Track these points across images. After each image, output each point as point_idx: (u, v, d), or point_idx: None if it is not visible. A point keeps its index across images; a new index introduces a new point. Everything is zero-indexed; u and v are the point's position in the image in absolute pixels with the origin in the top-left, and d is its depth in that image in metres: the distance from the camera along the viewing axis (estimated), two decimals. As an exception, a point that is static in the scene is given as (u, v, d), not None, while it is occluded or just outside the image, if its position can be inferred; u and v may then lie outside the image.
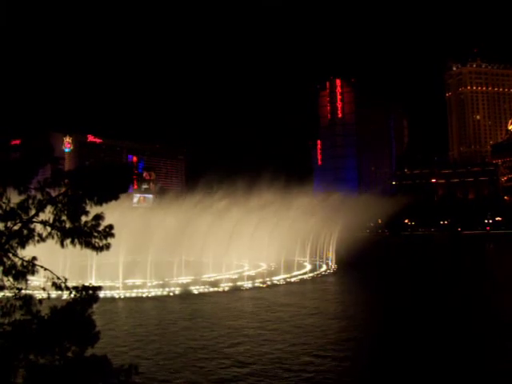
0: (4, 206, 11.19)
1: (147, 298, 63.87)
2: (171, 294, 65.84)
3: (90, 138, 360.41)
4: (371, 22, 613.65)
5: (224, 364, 34.68)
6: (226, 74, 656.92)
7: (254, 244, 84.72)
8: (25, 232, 11.61)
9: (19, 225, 11.55)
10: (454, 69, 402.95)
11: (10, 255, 11.25)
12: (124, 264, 70.32)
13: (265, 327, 46.25)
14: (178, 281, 71.51)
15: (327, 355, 36.45)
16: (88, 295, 11.91)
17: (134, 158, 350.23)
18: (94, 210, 12.27)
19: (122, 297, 63.65)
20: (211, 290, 68.55)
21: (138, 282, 69.69)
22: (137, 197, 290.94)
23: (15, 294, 11.36)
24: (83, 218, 12.05)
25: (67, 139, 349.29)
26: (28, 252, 11.78)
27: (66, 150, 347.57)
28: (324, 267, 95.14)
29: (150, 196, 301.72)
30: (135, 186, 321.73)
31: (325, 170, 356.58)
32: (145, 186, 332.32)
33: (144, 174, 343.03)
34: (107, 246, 12.33)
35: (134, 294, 65.27)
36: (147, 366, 33.79)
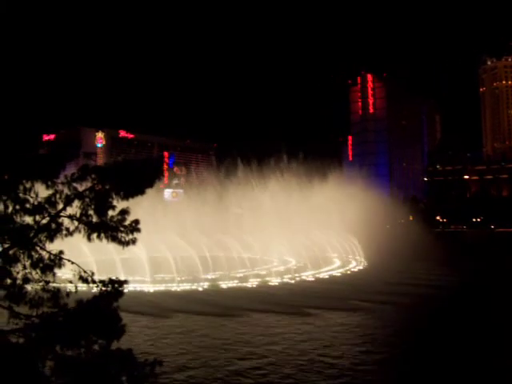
0: (32, 200, 11.41)
1: (175, 292, 64.39)
2: (200, 288, 66.23)
3: (122, 134, 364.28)
4: (403, 16, 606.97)
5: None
6: (257, 69, 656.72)
7: (284, 238, 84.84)
8: (53, 226, 11.82)
9: (47, 219, 11.76)
10: (489, 63, 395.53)
11: (38, 249, 11.47)
12: (153, 259, 71.03)
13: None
14: (207, 276, 71.88)
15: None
16: (114, 289, 12.08)
17: (165, 154, 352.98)
18: (127, 205, 12.46)
19: (152, 291, 64.29)
20: (240, 285, 68.79)
21: (167, 276, 70.21)
22: (168, 192, 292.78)
23: (43, 287, 11.59)
24: (110, 213, 12.22)
25: (99, 134, 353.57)
26: (54, 247, 12.00)
27: (99, 145, 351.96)
28: (354, 263, 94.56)
29: (181, 191, 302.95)
30: (166, 181, 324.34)
31: (356, 166, 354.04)
32: (175, 181, 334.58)
33: (175, 169, 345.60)
34: (133, 241, 12.49)
35: (162, 288, 65.86)
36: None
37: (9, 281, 11.22)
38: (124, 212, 12.18)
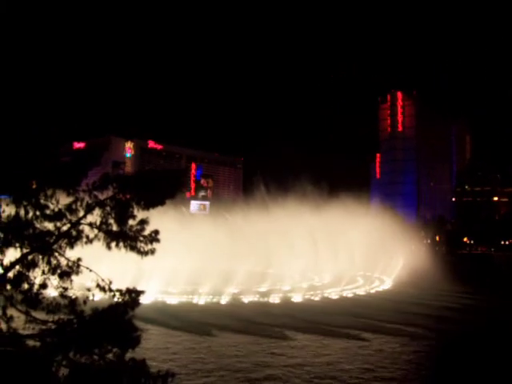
0: (53, 206, 11.51)
1: (197, 304, 64.46)
2: (222, 302, 66.11)
3: (151, 144, 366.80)
4: (434, 35, 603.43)
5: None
6: (284, 86, 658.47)
7: (307, 255, 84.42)
8: (73, 233, 11.89)
9: (68, 225, 11.84)
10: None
11: (57, 255, 11.54)
12: (176, 270, 71.25)
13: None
14: (230, 290, 71.79)
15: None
16: (131, 298, 12.06)
17: (193, 165, 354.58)
18: (151, 216, 12.48)
19: (174, 302, 64.44)
20: (261, 300, 68.54)
21: (189, 288, 70.33)
22: (196, 204, 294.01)
23: (61, 293, 11.65)
24: (130, 222, 12.24)
25: (128, 144, 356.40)
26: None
27: (127, 154, 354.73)
28: (377, 282, 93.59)
29: (208, 203, 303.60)
30: (192, 193, 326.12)
31: (383, 184, 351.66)
32: (202, 194, 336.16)
33: (202, 181, 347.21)
34: (152, 251, 12.46)
35: (184, 300, 65.97)
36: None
37: (26, 286, 11.30)
38: (143, 222, 12.19)
